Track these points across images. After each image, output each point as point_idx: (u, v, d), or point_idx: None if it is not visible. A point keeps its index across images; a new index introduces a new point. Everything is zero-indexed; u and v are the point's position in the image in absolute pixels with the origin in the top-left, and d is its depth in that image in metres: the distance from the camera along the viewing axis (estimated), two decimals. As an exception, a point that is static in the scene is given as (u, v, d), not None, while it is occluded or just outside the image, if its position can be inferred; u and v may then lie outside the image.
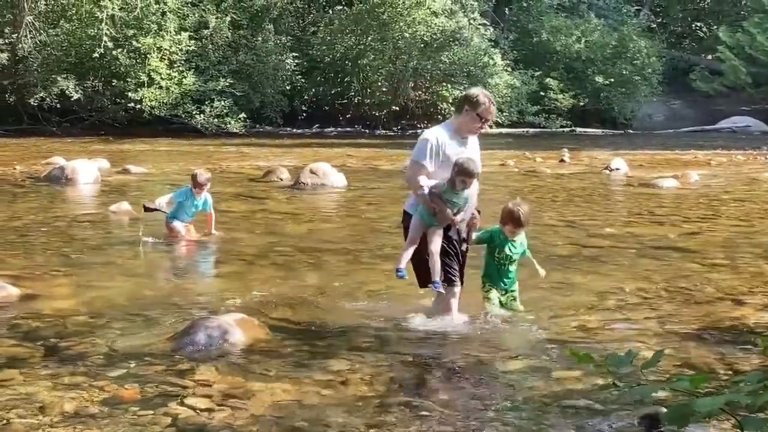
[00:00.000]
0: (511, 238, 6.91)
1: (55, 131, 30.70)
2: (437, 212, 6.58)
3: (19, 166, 19.10)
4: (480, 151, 7.01)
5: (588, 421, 4.74)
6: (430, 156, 6.65)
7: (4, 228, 11.50)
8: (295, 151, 24.55)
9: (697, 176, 18.27)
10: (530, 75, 38.13)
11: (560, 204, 14.44)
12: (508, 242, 6.93)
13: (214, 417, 4.84)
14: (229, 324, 6.37)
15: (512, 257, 6.98)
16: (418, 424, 4.76)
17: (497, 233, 6.95)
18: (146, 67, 31.00)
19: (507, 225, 6.89)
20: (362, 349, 6.14)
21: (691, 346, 6.21)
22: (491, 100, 6.85)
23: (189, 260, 9.51)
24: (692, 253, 9.89)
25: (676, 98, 44.12)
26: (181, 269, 9.28)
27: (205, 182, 10.69)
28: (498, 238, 6.94)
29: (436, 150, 6.63)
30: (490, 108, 6.79)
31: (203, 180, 10.66)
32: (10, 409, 4.89)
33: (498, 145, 27.42)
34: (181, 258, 9.71)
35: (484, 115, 6.73)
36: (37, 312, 7.14)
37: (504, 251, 6.94)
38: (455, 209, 6.59)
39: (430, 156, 6.65)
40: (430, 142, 6.67)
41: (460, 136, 6.77)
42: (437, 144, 6.65)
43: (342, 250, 9.92)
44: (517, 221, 6.86)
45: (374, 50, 35.51)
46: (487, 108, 6.75)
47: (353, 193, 15.44)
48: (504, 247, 6.94)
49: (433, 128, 7.04)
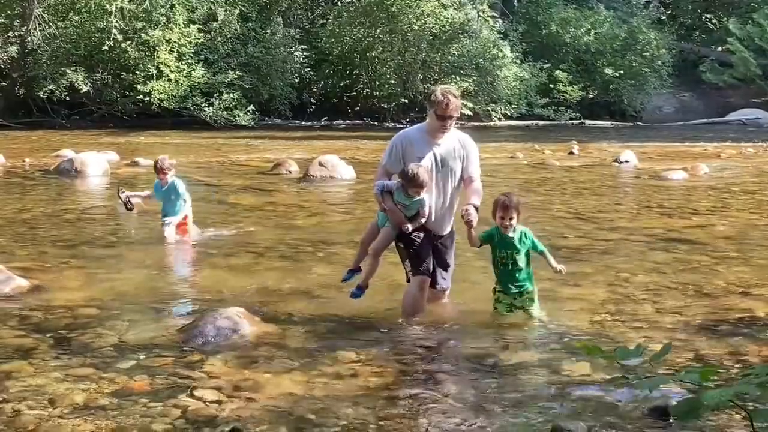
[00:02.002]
0: (503, 227, 6.52)
1: (65, 124, 30.73)
2: (388, 212, 6.58)
3: (28, 158, 19.15)
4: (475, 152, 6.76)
5: (597, 414, 4.74)
6: (389, 157, 6.68)
7: (13, 220, 11.54)
8: (303, 144, 24.55)
9: (707, 168, 18.21)
10: (539, 67, 38.00)
11: (569, 196, 14.41)
12: (506, 239, 6.57)
13: (223, 409, 4.85)
14: (238, 316, 6.39)
15: (513, 254, 6.58)
16: (427, 416, 4.77)
17: (495, 232, 6.64)
18: (155, 59, 31.01)
19: (497, 215, 6.56)
20: (371, 341, 6.15)
21: (701, 339, 6.20)
22: (449, 97, 6.50)
23: (197, 252, 9.52)
24: (701, 245, 9.87)
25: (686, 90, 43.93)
26: (190, 261, 9.29)
27: (167, 167, 10.14)
28: (496, 236, 6.63)
29: (396, 152, 6.64)
30: (446, 105, 6.48)
31: (163, 165, 10.13)
32: (21, 401, 4.91)
33: (507, 138, 27.39)
34: (189, 250, 9.71)
35: (440, 113, 6.51)
36: (46, 304, 7.17)
37: (503, 250, 6.61)
38: (407, 212, 6.54)
39: (389, 157, 6.69)
40: (394, 143, 6.71)
41: (432, 137, 6.64)
42: (401, 145, 6.64)
43: (350, 242, 9.90)
44: (502, 205, 6.50)
45: (383, 42, 35.45)
46: (443, 105, 6.49)
47: (362, 186, 15.41)
48: (502, 245, 6.62)
49: (406, 129, 7.02)
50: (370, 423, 4.64)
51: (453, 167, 6.65)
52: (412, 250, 6.64)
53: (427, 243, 6.67)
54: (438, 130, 6.59)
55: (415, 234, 6.59)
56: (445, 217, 6.77)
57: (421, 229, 6.62)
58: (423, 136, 6.68)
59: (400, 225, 6.53)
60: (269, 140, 26.12)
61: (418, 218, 6.57)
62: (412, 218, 6.57)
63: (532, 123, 36.47)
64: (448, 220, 6.82)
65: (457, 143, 6.69)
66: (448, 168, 6.64)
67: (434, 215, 6.67)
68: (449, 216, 6.82)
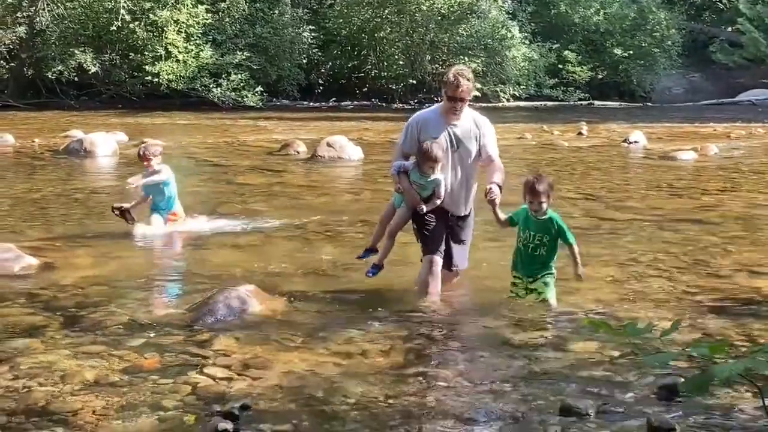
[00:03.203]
0: (532, 210, 6.37)
1: (73, 105, 30.71)
2: (403, 192, 6.58)
3: (38, 139, 19.17)
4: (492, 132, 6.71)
5: (605, 392, 4.74)
6: (405, 139, 6.69)
7: (23, 200, 11.57)
8: (311, 125, 24.52)
9: (717, 149, 18.15)
10: (548, 47, 37.83)
11: (578, 177, 14.39)
12: (531, 221, 6.41)
13: (233, 386, 4.87)
14: (248, 295, 6.41)
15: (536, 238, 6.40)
16: (436, 394, 4.78)
17: (523, 212, 6.47)
18: (163, 40, 30.94)
19: (526, 198, 6.43)
20: (380, 320, 6.16)
21: (710, 318, 6.20)
22: (460, 79, 6.42)
23: (207, 232, 9.53)
24: (711, 225, 9.86)
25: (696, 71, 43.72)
26: (200, 241, 9.29)
27: (150, 155, 9.48)
28: (522, 215, 6.47)
29: (412, 133, 6.63)
30: (456, 87, 6.42)
31: (146, 152, 9.54)
32: (32, 378, 4.94)
33: (515, 118, 27.29)
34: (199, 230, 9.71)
35: (450, 95, 6.48)
36: (56, 282, 7.20)
37: (527, 230, 6.44)
38: (422, 192, 6.54)
39: (404, 139, 6.70)
40: (409, 124, 6.71)
41: (445, 118, 6.61)
42: (417, 126, 6.64)
43: (358, 222, 9.93)
44: (530, 189, 6.34)
45: (391, 23, 35.31)
46: (453, 87, 6.44)
47: (370, 166, 15.41)
48: (526, 225, 6.43)
49: (422, 110, 7.02)
50: (379, 401, 4.66)
51: (468, 147, 6.61)
52: (425, 232, 6.64)
53: (441, 224, 6.65)
54: (450, 111, 6.57)
55: (430, 215, 6.58)
56: (461, 197, 6.72)
57: (437, 210, 6.59)
58: (437, 117, 6.66)
59: (415, 206, 6.53)
60: (277, 121, 26.09)
61: (434, 199, 6.55)
62: (428, 199, 6.56)
63: (541, 104, 36.35)
64: (465, 200, 6.76)
65: (472, 123, 6.65)
66: (464, 148, 6.60)
67: (450, 195, 6.63)
68: (466, 196, 6.75)
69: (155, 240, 9.13)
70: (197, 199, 11.99)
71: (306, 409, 4.55)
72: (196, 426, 4.31)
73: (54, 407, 4.53)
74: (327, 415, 4.48)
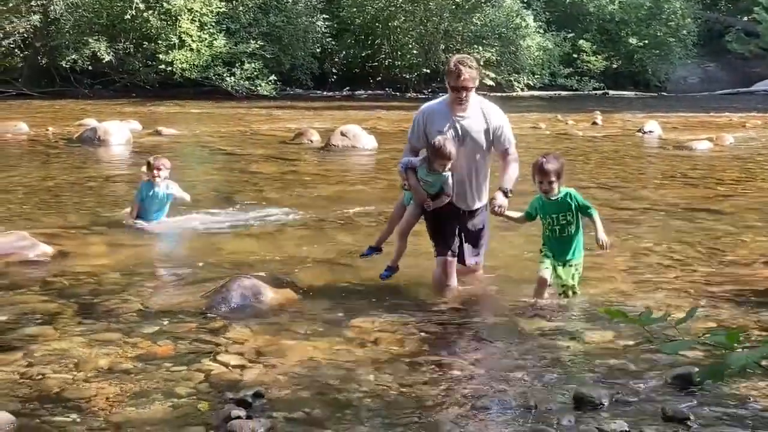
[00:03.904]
0: (543, 192, 6.25)
1: (87, 93, 30.79)
2: (411, 189, 6.47)
3: (52, 127, 19.21)
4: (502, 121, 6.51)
5: (619, 381, 4.73)
6: (412, 134, 6.56)
7: (38, 188, 11.61)
8: (325, 114, 24.51)
9: (732, 139, 18.04)
10: (563, 37, 37.68)
11: (593, 166, 14.34)
12: (547, 205, 6.30)
13: (246, 374, 4.88)
14: (261, 283, 6.42)
15: (559, 218, 6.26)
16: (449, 383, 4.77)
17: (537, 202, 6.36)
18: (177, 29, 30.96)
19: (536, 180, 6.30)
20: (393, 309, 6.16)
21: (725, 308, 6.17)
22: (460, 68, 6.24)
23: (221, 221, 9.53)
24: (726, 215, 9.80)
25: (711, 60, 43.47)
26: (213, 229, 9.29)
27: (162, 165, 9.25)
28: (538, 205, 6.35)
29: (418, 127, 6.48)
30: (457, 76, 6.24)
31: (157, 163, 9.27)
32: (46, 365, 4.96)
33: (529, 108, 27.21)
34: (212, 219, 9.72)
35: (453, 84, 6.30)
36: (70, 270, 7.22)
37: (547, 216, 6.29)
38: (430, 189, 6.41)
39: (412, 134, 6.57)
40: (416, 119, 6.55)
41: (452, 110, 6.42)
42: (422, 120, 6.48)
43: (372, 211, 9.92)
44: (539, 169, 6.21)
45: (405, 12, 35.23)
46: (454, 76, 6.26)
47: (383, 156, 15.39)
48: (545, 211, 6.30)
49: (429, 102, 6.78)
50: (392, 389, 4.66)
51: (477, 140, 6.40)
52: (435, 230, 6.55)
53: (452, 222, 6.52)
54: (455, 103, 6.36)
55: (440, 212, 6.45)
56: (471, 191, 6.53)
57: (447, 206, 6.45)
58: (444, 109, 6.47)
59: (422, 203, 6.43)
60: (291, 110, 26.09)
61: (442, 196, 6.43)
62: (436, 196, 6.43)
63: (555, 93, 36.24)
64: (476, 194, 6.56)
65: (480, 114, 6.43)
66: (471, 141, 6.40)
67: (459, 190, 6.48)
68: (477, 190, 6.55)
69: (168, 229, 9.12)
70: (211, 187, 12.03)
71: (319, 397, 4.55)
72: (209, 413, 4.32)
73: (68, 394, 4.55)
74: (340, 403, 4.48)
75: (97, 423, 4.21)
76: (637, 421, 4.19)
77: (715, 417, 4.23)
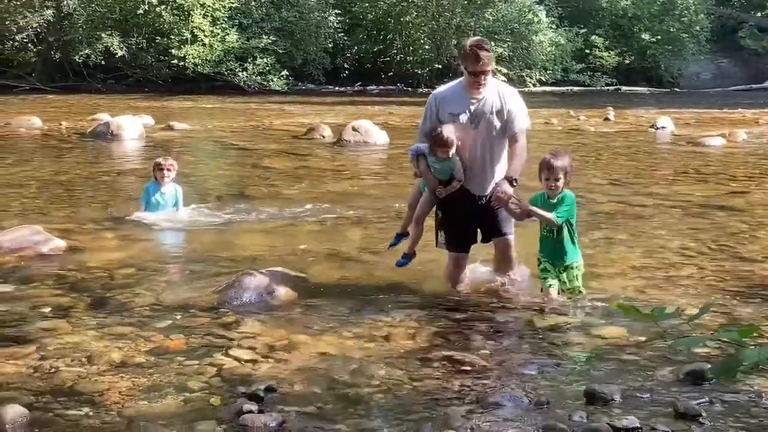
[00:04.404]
0: (548, 189, 6.06)
1: (100, 88, 30.88)
2: (422, 176, 6.40)
3: (65, 122, 19.28)
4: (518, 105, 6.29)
5: (631, 378, 4.72)
6: (425, 120, 6.42)
7: (51, 182, 11.65)
8: (337, 109, 24.52)
9: (745, 135, 17.96)
10: (575, 32, 37.59)
11: (605, 162, 14.30)
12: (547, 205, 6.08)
13: (258, 368, 4.89)
14: (273, 278, 6.43)
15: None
16: (460, 378, 4.77)
17: (539, 198, 6.20)
18: (189, 24, 31.03)
19: (542, 176, 6.11)
20: (404, 304, 6.16)
21: (738, 305, 6.14)
22: (477, 51, 6.06)
23: (233, 216, 9.55)
24: (739, 211, 9.77)
25: (724, 56, 43.29)
26: (225, 224, 9.32)
27: (172, 167, 9.21)
28: (539, 203, 6.17)
29: (431, 113, 6.35)
30: (474, 59, 6.06)
31: (167, 163, 9.24)
32: (59, 358, 4.98)
33: (541, 104, 27.13)
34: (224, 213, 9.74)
35: (470, 69, 6.14)
36: (83, 264, 7.25)
37: None
38: (440, 176, 6.32)
39: (424, 120, 6.44)
40: (428, 104, 6.42)
41: (468, 93, 6.26)
42: (435, 105, 6.35)
43: (384, 206, 9.91)
44: (547, 165, 6.03)
45: (417, 7, 35.20)
46: (472, 60, 6.09)
47: (395, 151, 15.38)
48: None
49: (442, 86, 6.64)
50: (404, 384, 4.66)
51: (492, 123, 6.23)
52: (446, 222, 6.45)
53: (464, 212, 6.35)
54: (472, 86, 6.21)
55: (456, 202, 6.33)
56: (487, 176, 6.33)
57: (462, 192, 6.32)
58: (460, 92, 6.32)
59: (434, 189, 6.37)
60: (302, 105, 26.10)
61: (453, 182, 6.32)
62: (448, 182, 6.34)
63: (567, 89, 36.16)
64: (491, 179, 6.33)
65: (496, 96, 6.25)
66: (486, 124, 6.23)
67: (474, 174, 6.30)
68: (493, 174, 6.34)
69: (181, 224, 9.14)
70: (223, 182, 12.06)
71: (330, 391, 4.56)
72: (221, 407, 4.33)
73: (81, 387, 4.57)
74: (351, 397, 4.49)
75: (109, 417, 4.22)
76: (649, 417, 4.18)
77: (727, 413, 4.22)
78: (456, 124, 6.23)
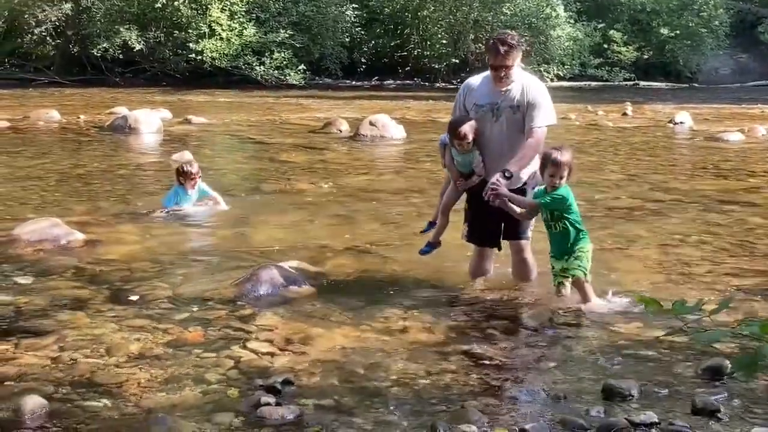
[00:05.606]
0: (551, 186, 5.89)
1: (118, 82, 30.97)
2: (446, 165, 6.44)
3: (83, 115, 19.35)
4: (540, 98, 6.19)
5: (649, 373, 4.71)
6: (454, 109, 6.46)
7: (69, 176, 11.70)
8: (354, 103, 24.50)
9: (764, 130, 17.81)
10: (593, 27, 37.37)
11: (623, 157, 14.25)
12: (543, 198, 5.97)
13: (275, 361, 4.91)
14: (291, 271, 6.45)
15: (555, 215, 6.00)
16: (477, 372, 4.77)
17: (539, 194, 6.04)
18: (207, 18, 31.05)
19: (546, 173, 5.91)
20: (421, 298, 6.16)
21: (757, 300, 6.12)
22: (498, 46, 6.02)
23: (250, 209, 9.57)
24: (757, 207, 9.72)
25: (743, 51, 42.95)
26: (242, 218, 9.34)
27: (196, 173, 9.33)
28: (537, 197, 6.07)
29: (459, 103, 6.37)
30: (494, 53, 6.04)
31: (194, 170, 9.34)
32: (77, 350, 5.02)
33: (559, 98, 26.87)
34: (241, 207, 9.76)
35: (491, 63, 6.12)
36: (102, 257, 7.29)
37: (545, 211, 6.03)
38: (462, 169, 6.31)
39: (454, 109, 6.47)
40: (459, 92, 6.45)
41: (493, 86, 6.21)
42: (463, 95, 6.37)
43: (401, 201, 9.91)
44: (553, 161, 5.86)
45: (434, 1, 35.07)
46: (492, 53, 6.08)
47: (412, 145, 15.37)
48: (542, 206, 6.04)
49: (472, 76, 6.61)
50: (420, 377, 4.67)
51: (513, 114, 6.17)
52: (471, 213, 6.46)
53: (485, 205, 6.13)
54: (496, 80, 6.18)
55: (476, 194, 6.23)
56: None
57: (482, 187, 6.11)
58: (486, 83, 6.29)
59: (455, 181, 6.39)
60: (320, 99, 26.10)
61: (473, 176, 6.31)
62: (468, 176, 6.33)
63: (585, 84, 35.97)
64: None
65: (519, 90, 6.19)
66: (509, 116, 6.16)
67: (494, 168, 6.13)
68: None
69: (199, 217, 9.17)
70: (241, 176, 12.08)
71: (347, 384, 4.57)
72: (238, 400, 4.35)
73: (99, 379, 4.60)
74: (368, 391, 4.50)
75: (128, 408, 4.25)
76: (667, 412, 4.17)
77: (746, 409, 4.20)
78: (478, 116, 6.22)
